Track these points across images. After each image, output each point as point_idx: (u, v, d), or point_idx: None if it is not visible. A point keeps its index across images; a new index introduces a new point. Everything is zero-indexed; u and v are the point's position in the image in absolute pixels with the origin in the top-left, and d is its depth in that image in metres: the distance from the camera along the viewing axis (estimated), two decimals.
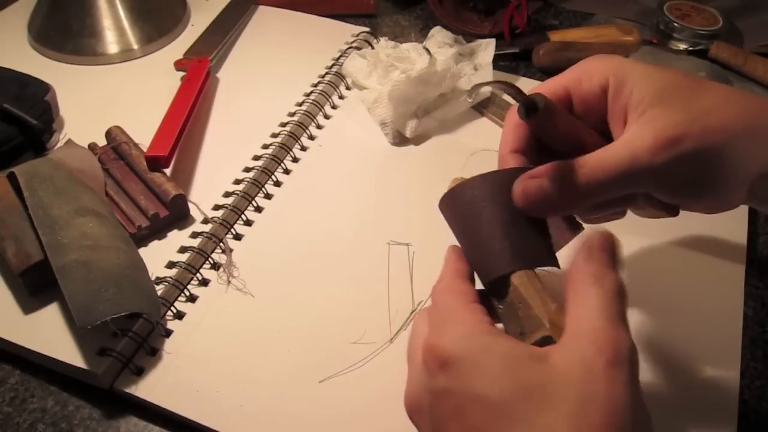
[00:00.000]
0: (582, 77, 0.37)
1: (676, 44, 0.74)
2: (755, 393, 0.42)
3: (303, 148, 0.59)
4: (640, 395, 0.28)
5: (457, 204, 0.35)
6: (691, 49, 0.73)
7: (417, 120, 0.60)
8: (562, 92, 0.37)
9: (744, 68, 0.70)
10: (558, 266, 0.33)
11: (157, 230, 0.50)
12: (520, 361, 0.28)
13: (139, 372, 0.41)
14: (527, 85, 0.67)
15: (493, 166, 0.37)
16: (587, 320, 0.29)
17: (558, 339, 0.29)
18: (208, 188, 0.54)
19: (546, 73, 0.70)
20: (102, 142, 0.55)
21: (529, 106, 0.34)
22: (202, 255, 0.48)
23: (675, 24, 0.73)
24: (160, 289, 0.45)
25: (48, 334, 0.43)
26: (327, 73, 0.67)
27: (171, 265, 0.48)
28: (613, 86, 0.35)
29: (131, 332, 0.42)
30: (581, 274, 0.30)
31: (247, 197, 0.53)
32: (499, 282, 0.32)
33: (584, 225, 0.38)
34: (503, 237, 0.32)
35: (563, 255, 0.34)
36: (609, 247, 0.31)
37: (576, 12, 0.81)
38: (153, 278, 0.46)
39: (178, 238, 0.50)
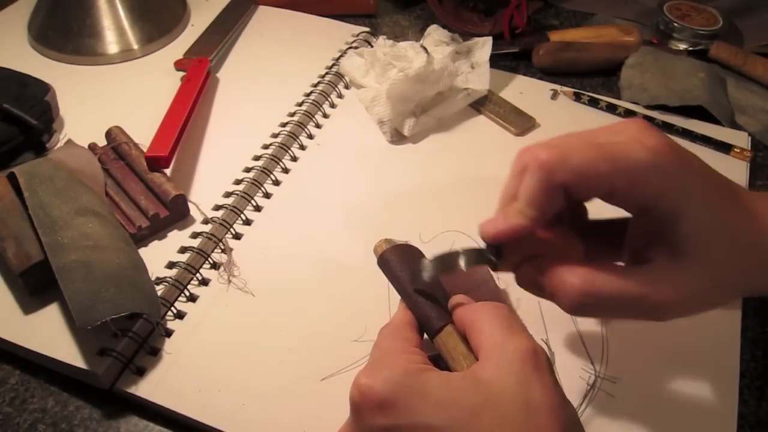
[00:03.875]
0: (625, 179, 0.32)
1: (676, 44, 0.74)
2: (755, 393, 0.42)
3: (302, 147, 0.59)
4: (563, 392, 0.30)
5: (386, 270, 0.39)
6: (691, 49, 0.73)
7: (415, 118, 0.60)
8: (591, 164, 0.32)
9: (744, 68, 0.70)
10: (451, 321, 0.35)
11: (157, 230, 0.50)
12: (456, 384, 0.30)
13: (141, 372, 0.41)
14: (527, 84, 0.67)
15: None
16: (493, 336, 0.31)
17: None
18: (208, 188, 0.54)
19: (546, 73, 0.70)
20: (102, 142, 0.55)
21: (490, 262, 0.36)
22: (202, 255, 0.48)
23: (675, 24, 0.73)
24: (160, 290, 0.45)
25: (48, 334, 0.43)
26: (327, 73, 0.67)
27: (171, 265, 0.48)
28: (664, 213, 0.32)
29: (131, 332, 0.42)
30: (465, 312, 0.34)
31: (247, 197, 0.53)
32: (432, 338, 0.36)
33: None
34: (427, 303, 0.36)
35: None
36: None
37: (576, 12, 0.81)
38: (153, 278, 0.46)
39: (178, 238, 0.50)
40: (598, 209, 0.36)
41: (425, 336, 0.36)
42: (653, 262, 0.33)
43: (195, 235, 0.50)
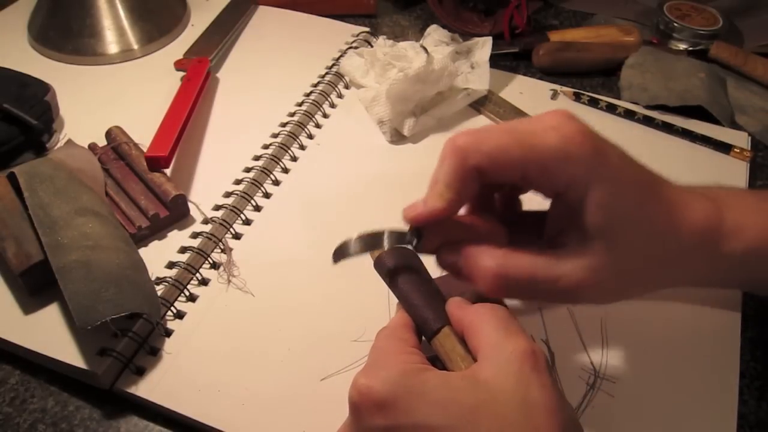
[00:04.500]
0: (536, 165, 0.33)
1: (676, 44, 0.74)
2: (755, 393, 0.42)
3: (302, 147, 0.59)
4: (562, 393, 0.30)
5: (382, 272, 0.39)
6: (691, 49, 0.73)
7: (415, 118, 0.60)
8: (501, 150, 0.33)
9: (744, 68, 0.70)
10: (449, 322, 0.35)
11: (157, 230, 0.50)
12: (455, 384, 0.30)
13: (140, 372, 0.41)
14: (527, 84, 0.67)
15: None
16: (491, 337, 0.31)
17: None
18: (208, 188, 0.54)
19: (546, 73, 0.70)
20: (102, 142, 0.55)
21: (411, 243, 0.36)
22: (202, 255, 0.48)
23: (675, 24, 0.73)
24: (160, 289, 0.45)
25: (48, 334, 0.43)
26: (327, 73, 0.67)
27: (171, 265, 0.48)
28: (575, 199, 0.33)
29: (131, 332, 0.42)
30: (463, 314, 0.34)
31: (247, 197, 0.53)
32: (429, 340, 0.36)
33: None
34: (424, 305, 0.36)
35: None
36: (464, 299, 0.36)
37: (576, 12, 0.81)
38: (153, 278, 0.46)
39: (178, 238, 0.50)
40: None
41: (423, 339, 0.36)
42: (566, 247, 0.34)
43: (195, 235, 0.50)
